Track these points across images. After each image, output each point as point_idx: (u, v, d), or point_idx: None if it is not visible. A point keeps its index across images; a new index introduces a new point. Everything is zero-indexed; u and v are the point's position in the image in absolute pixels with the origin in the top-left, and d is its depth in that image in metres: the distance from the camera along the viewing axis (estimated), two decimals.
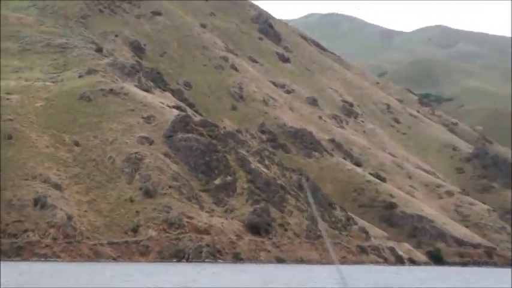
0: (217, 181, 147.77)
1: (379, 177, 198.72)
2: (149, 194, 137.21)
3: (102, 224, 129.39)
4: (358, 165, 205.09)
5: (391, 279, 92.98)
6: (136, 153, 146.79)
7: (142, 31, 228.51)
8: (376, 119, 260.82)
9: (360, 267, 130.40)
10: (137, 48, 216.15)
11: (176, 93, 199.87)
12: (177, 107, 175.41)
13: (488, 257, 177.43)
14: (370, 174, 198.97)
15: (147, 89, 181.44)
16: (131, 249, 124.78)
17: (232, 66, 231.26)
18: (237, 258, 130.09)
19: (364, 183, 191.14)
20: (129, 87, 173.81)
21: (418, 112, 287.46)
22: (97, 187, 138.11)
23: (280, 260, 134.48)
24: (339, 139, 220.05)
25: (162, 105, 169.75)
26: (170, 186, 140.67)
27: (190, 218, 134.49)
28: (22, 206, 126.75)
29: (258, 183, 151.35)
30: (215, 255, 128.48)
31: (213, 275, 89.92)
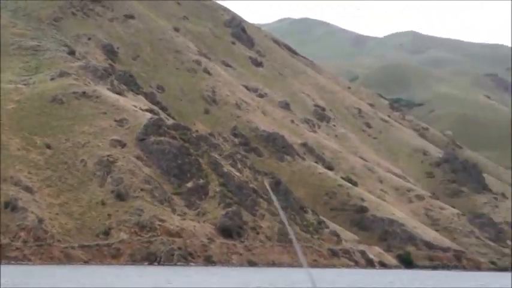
0: (190, 184, 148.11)
1: (351, 181, 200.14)
2: (121, 197, 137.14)
3: (73, 227, 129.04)
4: (329, 169, 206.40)
5: (361, 282, 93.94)
6: (108, 156, 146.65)
7: (115, 34, 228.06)
8: (348, 124, 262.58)
9: (331, 270, 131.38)
10: (110, 52, 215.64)
11: (149, 97, 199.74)
12: (150, 110, 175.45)
13: (458, 261, 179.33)
14: (342, 178, 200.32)
15: (119, 92, 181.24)
16: (102, 252, 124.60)
17: (205, 70, 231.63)
18: (209, 261, 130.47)
19: (336, 187, 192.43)
20: (102, 90, 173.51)
21: (389, 117, 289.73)
22: (68, 190, 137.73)
23: (252, 263, 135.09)
24: (311, 143, 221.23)
25: (135, 108, 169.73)
26: (142, 189, 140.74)
27: (162, 221, 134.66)
28: None
29: (230, 186, 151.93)
30: (187, 258, 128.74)
31: (187, 278, 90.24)
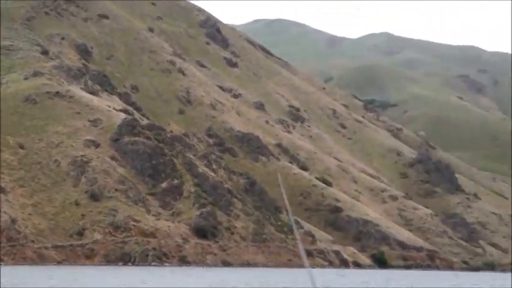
0: (164, 185, 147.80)
1: (325, 181, 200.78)
2: (95, 197, 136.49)
3: (46, 227, 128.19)
4: (304, 169, 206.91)
5: (336, 282, 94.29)
6: (82, 156, 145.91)
7: (89, 34, 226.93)
8: (322, 124, 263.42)
9: (306, 270, 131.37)
10: (84, 51, 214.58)
11: (123, 97, 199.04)
12: (124, 111, 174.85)
13: (431, 261, 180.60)
14: (316, 178, 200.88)
15: (93, 92, 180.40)
16: (76, 252, 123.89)
17: (180, 71, 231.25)
18: (184, 261, 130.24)
19: (310, 188, 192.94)
20: (76, 90, 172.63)
21: (363, 117, 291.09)
22: (42, 190, 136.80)
23: (226, 263, 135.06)
24: (286, 143, 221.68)
25: (109, 108, 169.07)
26: (116, 190, 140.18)
27: (137, 221, 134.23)
28: None
29: (204, 186, 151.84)
30: (161, 259, 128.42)
31: (161, 278, 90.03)
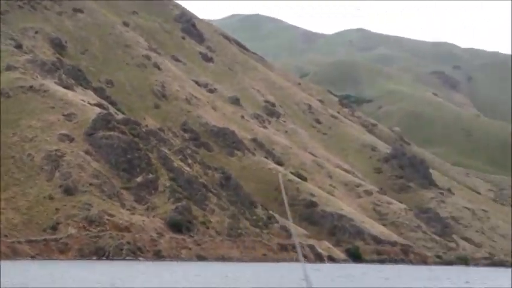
0: (139, 179, 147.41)
1: (300, 176, 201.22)
2: (69, 191, 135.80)
3: (20, 221, 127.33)
4: (279, 164, 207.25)
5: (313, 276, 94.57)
6: (56, 150, 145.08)
7: (64, 28, 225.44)
8: (298, 119, 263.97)
9: (280, 265, 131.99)
10: (58, 45, 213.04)
11: (98, 91, 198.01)
12: (99, 105, 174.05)
13: (405, 255, 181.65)
14: (291, 173, 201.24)
15: (68, 87, 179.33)
16: (50, 247, 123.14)
17: (155, 65, 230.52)
18: (158, 255, 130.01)
19: (286, 182, 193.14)
20: (50, 84, 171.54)
21: (338, 113, 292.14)
22: (15, 184, 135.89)
23: (201, 257, 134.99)
24: (261, 138, 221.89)
25: (84, 102, 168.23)
26: (91, 184, 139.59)
27: (111, 215, 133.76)
28: None
29: (180, 181, 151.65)
30: (136, 253, 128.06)
31: (137, 273, 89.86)
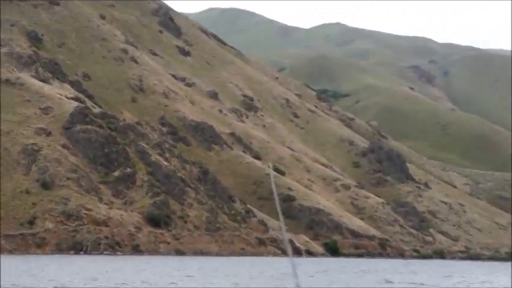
0: (117, 173, 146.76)
1: (278, 170, 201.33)
2: (46, 185, 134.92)
3: None
4: (257, 158, 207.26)
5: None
6: (33, 144, 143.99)
7: (40, 21, 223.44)
8: (276, 114, 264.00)
9: (259, 258, 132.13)
10: (34, 39, 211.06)
11: (75, 85, 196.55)
12: (76, 99, 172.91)
13: (382, 249, 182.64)
14: (270, 167, 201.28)
15: (44, 80, 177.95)
16: (27, 241, 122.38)
17: (132, 59, 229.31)
18: (136, 250, 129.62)
19: (264, 177, 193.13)
20: (26, 77, 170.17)
21: (316, 107, 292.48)
22: None
23: (179, 252, 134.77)
24: (239, 133, 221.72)
25: (60, 96, 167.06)
26: (68, 178, 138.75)
27: (89, 210, 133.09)
28: None
29: (158, 175, 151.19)
30: (114, 247, 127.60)
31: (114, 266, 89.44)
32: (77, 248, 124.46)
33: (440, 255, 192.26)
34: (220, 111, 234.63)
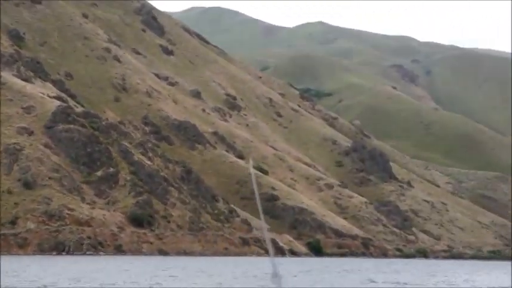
0: (99, 173, 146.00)
1: (262, 170, 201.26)
2: (28, 185, 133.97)
3: None
4: (240, 157, 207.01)
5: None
6: (15, 144, 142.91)
7: (22, 20, 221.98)
8: (259, 113, 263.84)
9: (242, 258, 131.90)
10: (16, 37, 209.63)
11: (57, 84, 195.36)
12: (58, 98, 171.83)
13: (365, 248, 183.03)
14: (253, 167, 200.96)
15: (26, 79, 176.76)
16: (9, 241, 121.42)
17: (115, 58, 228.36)
18: (119, 250, 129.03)
19: (247, 176, 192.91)
20: (8, 76, 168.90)
21: (299, 106, 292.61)
22: None
23: (162, 252, 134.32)
24: (222, 132, 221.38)
25: (43, 95, 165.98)
26: (50, 178, 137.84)
27: (71, 210, 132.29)
28: None
29: (141, 175, 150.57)
30: (96, 248, 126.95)
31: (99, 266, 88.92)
32: (59, 248, 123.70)
33: (423, 254, 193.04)
34: (204, 110, 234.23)
